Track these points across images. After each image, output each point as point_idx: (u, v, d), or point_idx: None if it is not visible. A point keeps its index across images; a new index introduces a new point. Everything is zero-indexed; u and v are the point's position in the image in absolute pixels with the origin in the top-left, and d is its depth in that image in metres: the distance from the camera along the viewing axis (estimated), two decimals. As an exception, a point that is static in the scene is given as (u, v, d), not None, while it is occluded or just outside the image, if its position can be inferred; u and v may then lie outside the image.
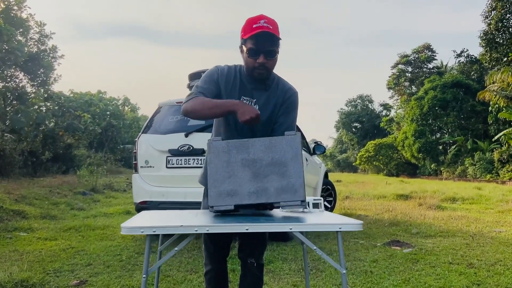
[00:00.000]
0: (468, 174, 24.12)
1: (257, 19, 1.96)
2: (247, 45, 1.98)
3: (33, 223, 6.75)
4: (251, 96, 2.08)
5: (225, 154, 1.70)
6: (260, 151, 1.70)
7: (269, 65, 2.01)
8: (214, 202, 1.70)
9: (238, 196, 1.69)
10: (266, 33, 1.92)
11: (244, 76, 2.09)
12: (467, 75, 29.79)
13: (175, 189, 5.06)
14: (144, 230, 1.44)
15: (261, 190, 1.69)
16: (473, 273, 3.73)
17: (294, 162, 1.70)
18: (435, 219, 7.12)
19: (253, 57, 1.97)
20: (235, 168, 1.70)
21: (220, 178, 1.69)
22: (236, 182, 1.69)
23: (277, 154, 1.70)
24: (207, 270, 2.25)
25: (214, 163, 1.70)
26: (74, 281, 3.53)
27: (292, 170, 1.69)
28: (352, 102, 50.60)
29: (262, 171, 1.69)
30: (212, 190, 1.70)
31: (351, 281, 3.52)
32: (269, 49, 1.97)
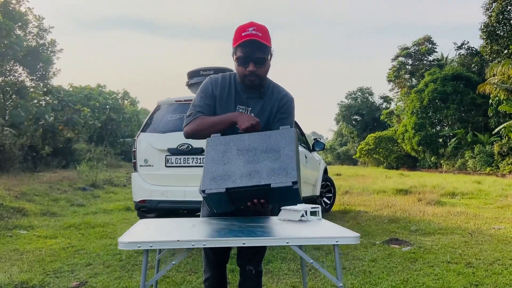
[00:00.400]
0: (468, 167, 24.15)
1: (246, 27, 1.96)
2: (237, 53, 1.99)
3: (33, 221, 6.77)
4: (246, 105, 2.08)
5: (222, 146, 1.77)
6: (255, 142, 1.77)
7: (260, 73, 2.01)
8: (207, 186, 1.71)
9: (231, 179, 1.70)
10: (255, 41, 1.93)
11: (238, 85, 2.10)
12: (468, 67, 29.69)
13: (174, 188, 5.07)
14: (141, 245, 1.44)
15: (253, 172, 1.70)
16: (471, 273, 3.75)
17: (287, 147, 1.74)
18: (434, 216, 7.13)
19: (243, 65, 1.98)
20: (230, 156, 1.75)
21: (215, 165, 1.74)
22: (230, 168, 1.72)
23: (272, 143, 1.76)
24: (206, 277, 2.26)
25: (211, 154, 1.76)
26: (74, 283, 3.54)
27: (284, 155, 1.73)
28: (352, 94, 50.47)
29: (256, 157, 1.74)
30: (206, 175, 1.73)
31: (349, 282, 3.53)
32: (259, 57, 1.97)
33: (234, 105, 2.07)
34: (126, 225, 6.55)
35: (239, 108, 2.07)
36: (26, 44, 20.26)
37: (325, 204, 7.81)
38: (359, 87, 50.57)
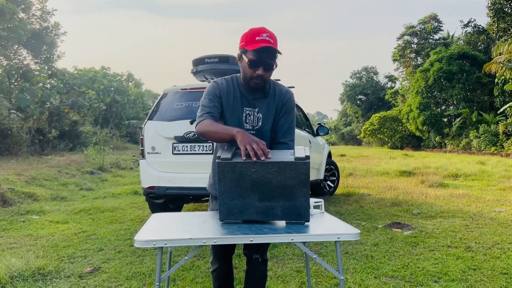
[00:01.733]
0: (473, 147, 24.16)
1: (260, 32, 2.06)
2: (248, 55, 2.07)
3: (44, 205, 6.95)
4: (253, 106, 2.19)
5: (235, 174, 1.79)
6: (269, 173, 1.78)
7: (266, 77, 2.12)
8: (225, 217, 1.84)
9: (247, 212, 1.82)
10: (268, 48, 2.03)
11: (242, 87, 2.20)
12: (474, 46, 29.36)
13: (182, 174, 5.20)
14: (156, 243, 1.56)
15: (268, 209, 1.81)
16: (470, 257, 3.87)
17: (301, 187, 1.79)
18: (437, 198, 7.25)
19: (253, 68, 2.08)
20: (245, 188, 1.79)
21: (230, 197, 1.81)
22: (245, 202, 1.81)
23: (285, 178, 1.78)
24: (214, 268, 2.38)
25: (224, 183, 1.79)
26: (88, 268, 3.70)
27: (299, 194, 1.79)
28: (357, 74, 50.16)
29: (270, 192, 1.79)
30: (222, 206, 1.82)
31: (352, 266, 3.67)
32: (269, 63, 2.07)
33: (241, 108, 2.17)
34: (134, 209, 6.73)
35: (246, 110, 2.17)
36: (30, 27, 20.22)
37: (329, 188, 7.94)
38: (364, 66, 50.25)
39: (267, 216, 1.83)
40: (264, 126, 2.19)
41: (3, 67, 20.78)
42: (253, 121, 2.18)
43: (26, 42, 20.34)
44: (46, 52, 21.65)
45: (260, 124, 2.18)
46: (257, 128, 2.18)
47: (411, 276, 3.39)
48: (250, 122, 2.18)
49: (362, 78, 49.52)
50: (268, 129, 2.20)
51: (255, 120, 2.18)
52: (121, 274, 3.56)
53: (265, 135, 2.19)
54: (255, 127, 2.18)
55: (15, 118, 15.95)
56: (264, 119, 2.19)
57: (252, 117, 2.18)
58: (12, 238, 4.93)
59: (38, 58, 21.79)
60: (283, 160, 1.79)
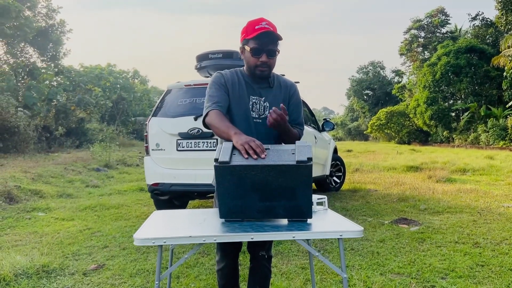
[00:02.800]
0: (481, 141, 23.95)
1: (259, 21, 2.08)
2: (250, 45, 2.09)
3: (50, 203, 6.97)
4: (259, 95, 2.19)
5: (234, 178, 1.72)
6: (269, 175, 1.72)
7: (271, 64, 2.12)
8: (225, 216, 1.80)
9: (248, 211, 1.78)
10: (269, 33, 2.05)
11: (247, 78, 2.21)
12: (482, 39, 29.05)
13: (186, 171, 5.18)
14: (155, 241, 1.53)
15: (269, 208, 1.76)
16: (478, 253, 3.81)
17: (303, 188, 1.73)
18: (444, 194, 7.17)
19: (256, 56, 2.09)
20: (245, 189, 1.74)
21: (230, 198, 1.76)
22: (245, 202, 1.76)
23: (287, 180, 1.72)
24: (220, 267, 2.32)
25: (223, 186, 1.74)
26: (92, 266, 3.70)
27: (301, 195, 1.74)
28: (363, 69, 49.85)
29: (271, 193, 1.74)
30: (222, 206, 1.78)
31: (357, 263, 3.63)
32: (271, 49, 2.09)
33: (248, 96, 2.17)
34: (140, 206, 6.73)
35: (252, 98, 2.18)
36: (36, 25, 20.29)
37: (335, 183, 7.89)
38: (371, 61, 49.95)
39: (268, 215, 1.79)
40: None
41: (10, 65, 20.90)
42: (259, 110, 2.18)
43: (32, 40, 20.43)
44: (52, 49, 21.74)
45: (267, 113, 2.17)
46: (263, 117, 2.17)
47: (417, 273, 3.34)
48: (257, 110, 2.18)
49: (369, 73, 49.21)
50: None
51: (262, 109, 2.18)
52: (125, 271, 3.55)
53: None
54: (261, 115, 2.17)
55: (22, 116, 16.01)
56: (271, 107, 2.17)
57: (259, 105, 2.18)
58: (17, 235, 4.94)
59: (45, 56, 21.89)
60: (284, 163, 1.71)
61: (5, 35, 18.21)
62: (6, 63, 21.04)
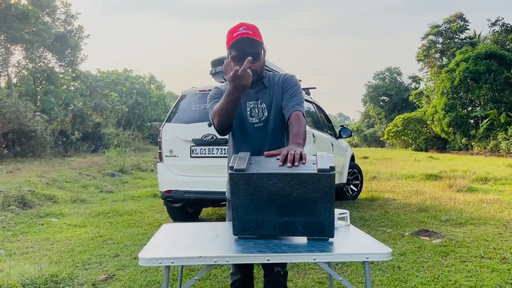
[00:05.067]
0: (501, 149, 23.38)
1: (236, 28, 2.04)
2: (231, 53, 2.06)
3: (63, 208, 6.93)
4: (255, 99, 2.17)
5: (250, 187, 1.60)
6: (288, 185, 1.58)
7: (256, 68, 2.07)
8: (240, 232, 1.66)
9: (264, 228, 1.64)
10: (246, 39, 2.01)
11: None
12: (502, 45, 28.47)
13: (200, 178, 5.06)
14: (162, 262, 1.40)
15: (288, 224, 1.63)
16: (506, 270, 3.59)
17: (325, 201, 1.59)
18: (466, 204, 6.91)
19: (238, 63, 2.03)
20: (261, 201, 1.61)
21: (245, 211, 1.63)
22: (261, 216, 1.62)
23: (307, 191, 1.58)
24: (234, 279, 2.25)
25: (238, 196, 1.61)
26: (102, 276, 3.59)
27: (322, 209, 1.59)
28: (380, 75, 49.39)
29: (290, 206, 1.60)
30: (236, 220, 1.64)
31: (377, 278, 3.45)
32: (252, 52, 2.03)
33: (244, 103, 2.15)
34: (153, 213, 6.63)
35: (249, 104, 2.15)
36: (54, 31, 20.56)
37: (352, 192, 7.69)
38: (387, 67, 49.56)
39: (286, 232, 1.64)
40: (270, 116, 2.15)
41: (29, 70, 21.20)
42: (258, 114, 2.16)
43: (51, 45, 20.71)
44: (70, 55, 22.00)
45: (266, 114, 2.15)
46: (263, 120, 2.15)
47: (442, 291, 3.15)
48: (256, 115, 2.15)
49: (385, 79, 48.73)
50: (274, 118, 2.15)
51: (260, 112, 2.16)
52: (135, 283, 3.43)
53: (272, 125, 2.14)
54: (261, 119, 2.15)
55: (39, 120, 16.17)
56: (269, 108, 2.14)
57: (257, 109, 2.16)
58: (29, 241, 4.88)
59: (62, 61, 22.16)
60: (305, 171, 1.58)
61: (24, 40, 18.48)
62: (25, 68, 21.36)
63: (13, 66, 20.76)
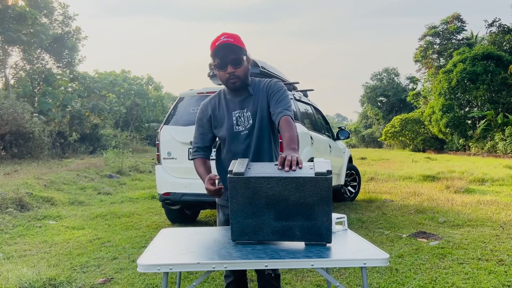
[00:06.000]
0: (498, 150, 23.45)
1: (219, 37, 2.09)
2: (215, 61, 2.11)
3: (61, 210, 6.92)
4: (240, 107, 2.20)
5: (248, 191, 1.62)
6: (286, 189, 1.61)
7: (239, 74, 2.11)
8: (237, 237, 1.68)
9: (262, 232, 1.66)
10: (227, 44, 2.06)
11: (227, 94, 2.24)
12: (499, 46, 28.54)
13: (197, 181, 5.02)
14: (160, 268, 1.40)
15: (285, 229, 1.64)
16: (503, 272, 3.61)
17: (322, 205, 1.61)
18: (463, 205, 6.94)
19: (221, 69, 2.11)
20: (259, 205, 1.63)
21: (243, 216, 1.64)
22: (259, 220, 1.64)
23: (305, 195, 1.60)
24: (228, 281, 2.29)
25: (236, 200, 1.63)
26: (100, 279, 3.59)
27: (319, 213, 1.61)
28: (377, 75, 49.47)
29: (287, 210, 1.62)
30: (234, 225, 1.66)
31: (375, 281, 3.46)
32: (233, 58, 2.08)
33: (230, 114, 2.20)
34: (151, 215, 6.63)
35: (235, 114, 2.19)
36: (52, 32, 20.53)
37: (349, 193, 7.70)
38: (385, 67, 49.57)
39: (284, 237, 1.65)
40: (255, 123, 2.17)
41: (26, 71, 21.16)
42: (244, 122, 2.18)
43: (48, 47, 20.67)
44: (68, 56, 21.96)
45: (251, 122, 2.18)
46: (249, 127, 2.18)
47: (440, 293, 3.16)
48: (242, 123, 2.18)
49: (383, 80, 48.81)
50: (259, 126, 2.17)
51: (246, 120, 2.19)
52: (133, 286, 3.44)
53: (257, 132, 2.17)
54: (247, 126, 2.18)
55: (37, 122, 16.13)
56: (254, 116, 2.17)
57: (243, 118, 2.19)
58: (27, 244, 4.87)
59: (60, 62, 22.12)
60: (302, 175, 1.60)
61: (22, 42, 18.44)
62: (22, 69, 21.31)
63: (11, 68, 20.72)
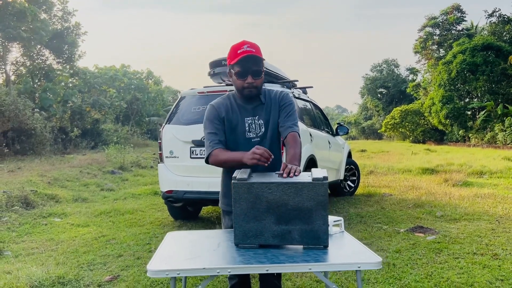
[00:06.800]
0: (498, 141, 23.56)
1: (241, 45, 2.16)
2: (235, 69, 2.18)
3: (66, 208, 7.05)
4: (253, 115, 2.27)
5: (250, 196, 1.74)
6: (285, 194, 1.73)
7: (257, 84, 2.20)
8: (240, 241, 1.79)
9: (263, 236, 1.77)
10: (251, 56, 2.14)
11: (238, 100, 2.30)
12: (499, 36, 28.54)
13: (199, 179, 5.18)
14: (169, 273, 1.51)
15: (285, 233, 1.76)
16: (497, 266, 3.73)
17: (319, 209, 1.73)
18: (461, 199, 7.05)
19: (242, 78, 2.18)
20: (261, 209, 1.75)
21: (245, 220, 1.76)
22: (261, 223, 1.76)
23: (303, 199, 1.73)
24: (232, 283, 2.36)
25: (240, 205, 1.76)
26: (107, 277, 3.71)
27: (317, 217, 1.73)
28: (377, 67, 49.44)
29: (287, 215, 1.74)
30: (237, 229, 1.78)
31: (373, 276, 3.58)
32: (255, 70, 2.17)
33: (242, 119, 2.26)
34: (154, 211, 6.75)
35: (247, 120, 2.26)
36: (51, 28, 20.55)
37: (349, 188, 7.82)
38: (385, 59, 49.53)
39: (284, 240, 1.78)
40: (267, 132, 2.27)
41: (27, 68, 21.22)
42: (255, 129, 2.26)
43: (48, 42, 20.69)
44: (68, 51, 21.99)
45: (263, 130, 2.27)
46: (260, 135, 2.26)
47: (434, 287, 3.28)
48: (253, 130, 2.26)
49: (383, 71, 48.79)
50: (271, 134, 2.27)
51: (257, 128, 2.26)
52: (139, 283, 3.55)
53: (269, 140, 2.27)
54: (258, 134, 2.26)
55: (38, 118, 16.23)
56: (266, 124, 2.26)
57: (254, 125, 2.26)
58: (34, 242, 5.00)
59: (60, 58, 22.16)
60: (300, 180, 1.74)
61: (22, 38, 18.48)
62: (23, 65, 21.37)
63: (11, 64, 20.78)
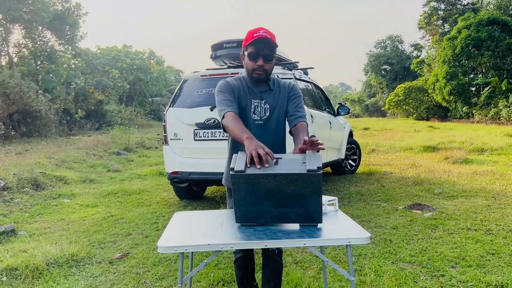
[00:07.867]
0: (502, 117, 23.55)
1: (257, 30, 2.26)
2: (248, 50, 2.27)
3: (74, 189, 7.25)
4: (260, 98, 2.36)
5: (249, 186, 1.86)
6: (282, 183, 1.84)
7: (267, 68, 2.29)
8: (241, 221, 1.95)
9: (262, 217, 1.92)
10: (265, 39, 2.23)
11: (248, 82, 2.38)
12: (505, 10, 28.19)
13: (204, 160, 5.34)
14: (177, 249, 1.68)
15: (282, 214, 1.90)
16: (489, 241, 3.90)
17: (314, 195, 1.85)
18: (460, 176, 7.20)
19: (253, 60, 2.27)
20: (259, 196, 1.87)
21: (245, 205, 1.90)
22: (259, 208, 1.90)
23: (298, 187, 1.84)
24: (237, 257, 2.54)
25: (239, 193, 1.88)
26: (117, 254, 3.91)
27: (311, 201, 1.86)
28: (381, 43, 48.98)
29: (283, 200, 1.87)
30: (238, 212, 1.92)
31: (370, 251, 3.76)
32: (267, 53, 2.25)
33: (250, 100, 2.34)
34: (160, 191, 6.95)
35: (254, 102, 2.34)
36: (52, 9, 20.48)
37: (350, 167, 7.98)
38: (389, 35, 49.02)
39: (281, 220, 1.92)
40: (271, 116, 2.35)
41: (29, 50, 21.25)
42: (260, 112, 2.35)
43: (50, 24, 20.67)
44: (69, 33, 21.97)
45: (267, 115, 2.35)
46: (264, 119, 2.35)
47: (428, 262, 3.46)
48: (258, 113, 2.34)
49: (387, 48, 48.35)
50: (275, 119, 2.36)
51: (263, 111, 2.35)
52: (148, 260, 3.75)
53: (272, 125, 2.35)
54: (262, 117, 2.34)
55: (42, 100, 16.35)
56: (271, 110, 2.35)
57: (260, 108, 2.34)
58: (46, 222, 5.21)
59: (62, 39, 22.15)
60: (295, 172, 1.83)
61: (23, 20, 18.47)
62: (25, 47, 21.40)
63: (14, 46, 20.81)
